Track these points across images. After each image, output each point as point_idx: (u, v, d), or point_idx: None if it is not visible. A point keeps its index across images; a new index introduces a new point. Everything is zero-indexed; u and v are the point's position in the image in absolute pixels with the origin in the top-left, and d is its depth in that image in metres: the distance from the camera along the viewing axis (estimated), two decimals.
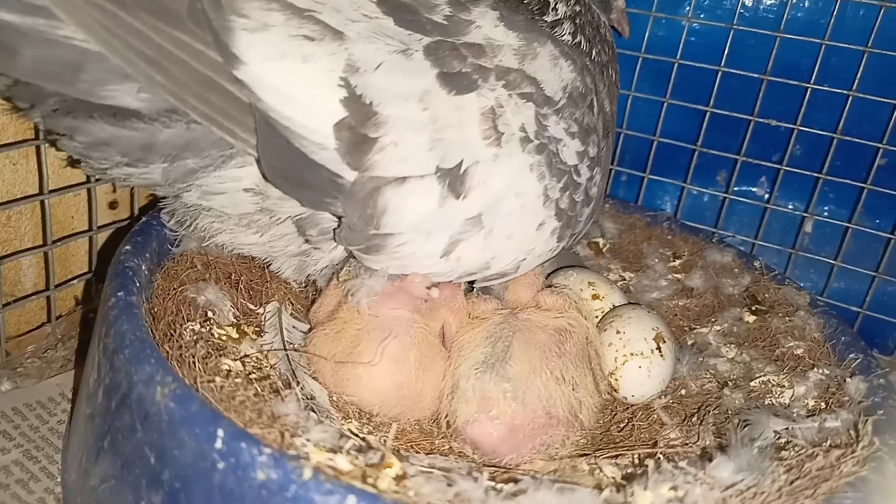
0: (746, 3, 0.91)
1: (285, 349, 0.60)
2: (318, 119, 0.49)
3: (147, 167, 0.52)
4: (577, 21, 0.66)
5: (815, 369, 0.65)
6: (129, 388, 0.47)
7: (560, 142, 0.59)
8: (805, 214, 0.93)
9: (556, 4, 0.65)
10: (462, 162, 0.54)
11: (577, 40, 0.66)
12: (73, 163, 0.57)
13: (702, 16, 0.94)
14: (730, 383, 0.67)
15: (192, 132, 0.51)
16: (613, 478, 0.50)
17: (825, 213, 0.94)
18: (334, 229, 0.55)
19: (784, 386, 0.65)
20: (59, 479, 0.58)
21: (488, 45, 0.55)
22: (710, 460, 0.47)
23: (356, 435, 0.49)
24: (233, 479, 0.41)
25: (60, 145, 0.53)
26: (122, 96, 0.49)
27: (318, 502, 0.39)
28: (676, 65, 0.93)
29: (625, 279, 0.85)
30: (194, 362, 0.51)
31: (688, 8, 0.93)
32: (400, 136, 0.51)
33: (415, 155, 0.52)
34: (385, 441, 0.50)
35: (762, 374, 0.67)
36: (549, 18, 0.64)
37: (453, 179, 0.53)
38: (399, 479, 0.43)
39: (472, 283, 0.64)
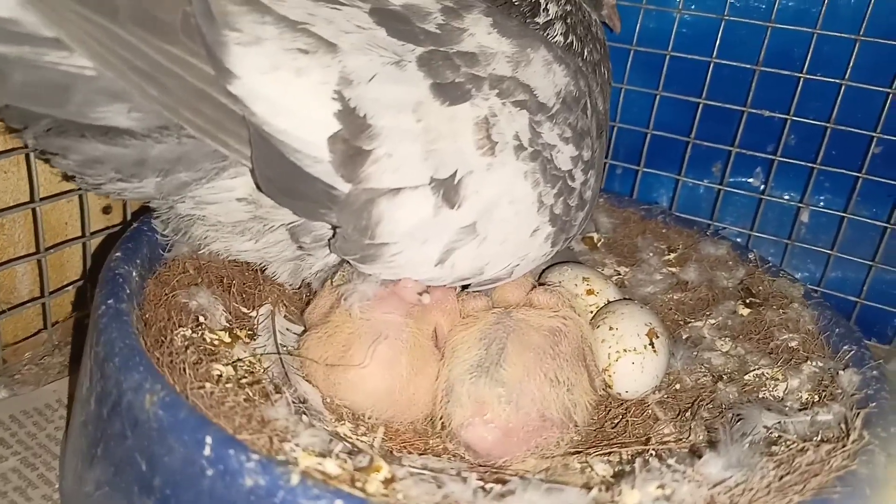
0: None
1: (278, 353, 0.61)
2: (312, 132, 0.49)
3: (140, 182, 0.53)
4: (569, 21, 0.66)
5: (809, 362, 0.65)
6: (120, 395, 0.47)
7: (554, 148, 0.59)
8: (801, 205, 0.93)
9: (546, 5, 0.65)
10: (456, 172, 0.54)
11: (568, 40, 0.65)
12: (68, 178, 0.57)
13: (693, 7, 0.93)
14: (724, 377, 0.67)
15: (184, 146, 0.51)
16: (604, 476, 0.50)
17: (821, 203, 0.94)
18: (329, 238, 0.56)
19: (778, 379, 0.65)
20: (57, 486, 0.59)
21: (482, 53, 0.55)
22: (700, 457, 0.47)
23: (345, 439, 0.49)
24: (221, 486, 0.41)
25: (54, 163, 0.53)
26: (112, 116, 0.49)
27: None
28: (668, 57, 0.93)
29: (619, 274, 0.84)
30: (184, 368, 0.51)
31: (679, 0, 0.92)
32: (394, 148, 0.51)
33: (409, 166, 0.52)
34: (373, 445, 0.50)
35: (756, 367, 0.67)
36: (540, 20, 0.64)
37: (447, 189, 0.53)
38: (387, 482, 0.43)
39: (465, 286, 0.64)
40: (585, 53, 0.67)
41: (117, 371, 0.48)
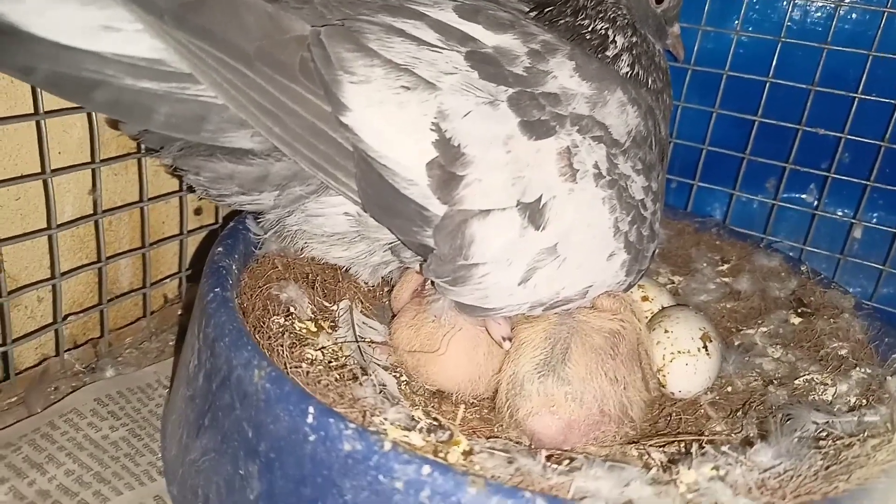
0: (794, 16, 0.94)
1: (357, 342, 0.67)
2: (411, 157, 0.55)
3: (260, 195, 0.60)
4: (634, 52, 0.71)
5: (858, 368, 0.68)
6: (229, 371, 0.54)
7: (628, 178, 0.63)
8: (853, 221, 0.95)
9: (614, 37, 0.70)
10: (541, 196, 0.58)
11: (634, 71, 0.70)
12: (174, 177, 0.65)
13: (750, 29, 0.97)
14: (774, 381, 0.70)
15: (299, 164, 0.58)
16: (661, 461, 0.54)
17: (874, 220, 0.96)
18: (421, 262, 0.61)
19: (827, 384, 0.68)
20: (159, 455, 0.65)
21: (563, 94, 0.60)
22: (752, 446, 0.51)
23: (427, 416, 0.54)
24: (322, 450, 0.47)
25: (186, 180, 0.62)
26: (238, 140, 0.56)
27: (397, 470, 0.45)
28: (725, 76, 0.96)
29: (674, 282, 0.88)
30: (282, 351, 0.58)
31: (736, 22, 0.96)
32: (484, 174, 0.56)
33: (498, 190, 0.57)
34: (456, 420, 0.56)
35: (806, 372, 0.70)
36: (609, 53, 0.69)
37: (533, 212, 0.58)
38: (466, 454, 0.49)
39: None
40: (649, 83, 0.72)
41: (227, 350, 0.54)
